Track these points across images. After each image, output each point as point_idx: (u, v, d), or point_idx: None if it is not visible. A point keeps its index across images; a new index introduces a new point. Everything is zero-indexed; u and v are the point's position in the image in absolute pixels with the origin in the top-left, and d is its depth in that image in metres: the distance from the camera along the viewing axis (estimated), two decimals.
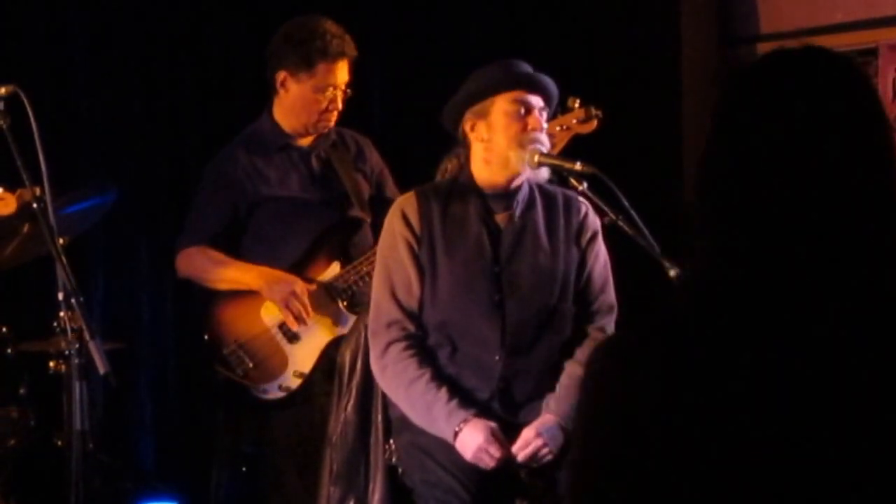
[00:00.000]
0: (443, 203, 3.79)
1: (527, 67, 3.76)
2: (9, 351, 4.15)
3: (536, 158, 3.70)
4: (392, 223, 3.82)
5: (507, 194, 3.78)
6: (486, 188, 3.79)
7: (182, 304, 5.08)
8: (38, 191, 3.42)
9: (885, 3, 5.51)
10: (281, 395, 4.24)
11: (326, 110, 4.34)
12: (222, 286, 4.31)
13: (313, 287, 4.25)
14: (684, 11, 5.95)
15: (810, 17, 5.70)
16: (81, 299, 3.34)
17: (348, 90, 4.36)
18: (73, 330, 3.33)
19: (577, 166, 3.69)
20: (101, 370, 3.25)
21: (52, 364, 3.81)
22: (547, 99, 3.76)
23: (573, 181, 3.74)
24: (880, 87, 5.38)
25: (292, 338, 4.27)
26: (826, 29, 5.57)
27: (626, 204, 3.59)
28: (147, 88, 5.07)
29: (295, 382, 4.25)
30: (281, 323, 4.27)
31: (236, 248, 4.37)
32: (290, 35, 4.34)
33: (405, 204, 3.83)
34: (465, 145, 3.79)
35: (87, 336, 3.29)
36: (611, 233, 3.83)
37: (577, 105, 4.16)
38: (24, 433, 4.16)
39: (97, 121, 4.97)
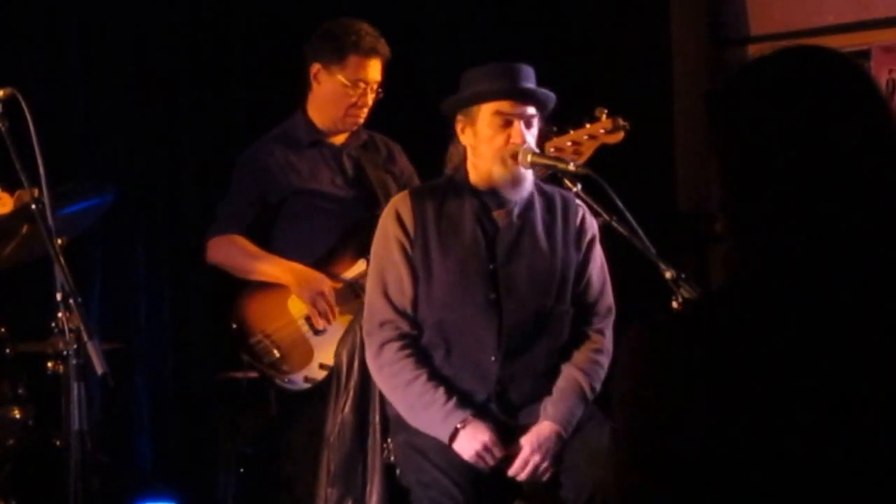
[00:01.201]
0: (438, 202, 3.80)
1: (515, 75, 3.75)
2: (7, 351, 4.15)
3: (529, 158, 3.71)
4: (386, 224, 3.83)
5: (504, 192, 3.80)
6: (481, 186, 3.80)
7: (180, 305, 5.10)
8: (36, 192, 3.43)
9: (877, 5, 5.52)
10: (306, 386, 4.25)
11: (355, 105, 4.39)
12: (251, 277, 4.35)
13: (339, 285, 4.29)
14: (675, 13, 5.97)
15: (801, 19, 5.72)
16: (80, 300, 3.33)
17: (380, 90, 4.40)
18: (71, 330, 3.32)
19: (571, 167, 3.69)
20: (99, 370, 3.24)
21: (50, 364, 3.81)
22: (538, 106, 3.76)
23: (567, 182, 3.75)
24: None
25: (318, 331, 4.30)
26: (817, 31, 5.58)
27: (620, 205, 3.60)
28: (144, 90, 5.08)
29: (320, 374, 4.26)
30: (308, 315, 4.30)
31: (266, 239, 4.41)
32: (326, 30, 4.43)
33: (399, 204, 3.84)
34: (461, 143, 3.82)
35: (85, 336, 3.28)
36: (605, 234, 3.85)
37: (604, 115, 4.16)
38: (22, 433, 4.16)
39: (94, 123, 4.97)
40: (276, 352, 4.31)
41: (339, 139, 4.49)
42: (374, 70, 4.39)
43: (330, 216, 4.37)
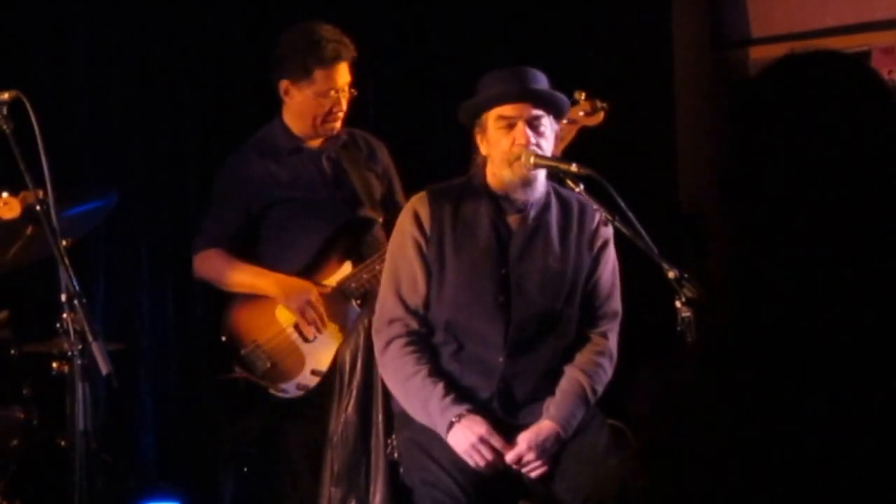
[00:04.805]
0: (455, 203, 3.82)
1: (518, 77, 3.75)
2: (12, 352, 4.17)
3: (532, 160, 3.71)
4: (403, 223, 3.85)
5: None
6: (498, 190, 3.82)
7: (183, 305, 5.11)
8: (40, 193, 3.44)
9: (875, 7, 5.54)
10: (299, 393, 4.26)
11: (330, 113, 4.38)
12: (238, 290, 4.34)
13: (327, 290, 4.29)
14: (676, 15, 5.99)
15: (801, 21, 5.73)
16: (84, 301, 3.34)
17: (352, 91, 4.39)
18: (75, 331, 3.32)
19: (574, 167, 3.69)
20: (104, 371, 3.25)
21: (55, 365, 3.83)
22: (545, 107, 3.76)
23: (570, 183, 3.76)
24: None
25: (308, 337, 4.30)
26: (817, 33, 5.60)
27: (623, 205, 3.61)
28: (148, 93, 5.10)
29: (313, 381, 4.27)
30: (296, 323, 4.30)
31: (251, 250, 4.40)
32: (287, 44, 4.37)
33: (418, 204, 3.85)
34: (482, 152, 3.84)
35: (89, 337, 3.29)
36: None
37: (582, 98, 4.17)
38: (27, 434, 4.17)
39: (99, 125, 4.99)
40: (267, 362, 4.31)
41: (317, 143, 4.46)
42: (342, 76, 4.36)
43: (314, 222, 4.35)
